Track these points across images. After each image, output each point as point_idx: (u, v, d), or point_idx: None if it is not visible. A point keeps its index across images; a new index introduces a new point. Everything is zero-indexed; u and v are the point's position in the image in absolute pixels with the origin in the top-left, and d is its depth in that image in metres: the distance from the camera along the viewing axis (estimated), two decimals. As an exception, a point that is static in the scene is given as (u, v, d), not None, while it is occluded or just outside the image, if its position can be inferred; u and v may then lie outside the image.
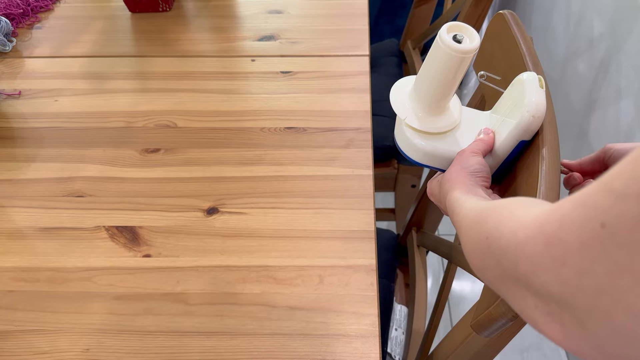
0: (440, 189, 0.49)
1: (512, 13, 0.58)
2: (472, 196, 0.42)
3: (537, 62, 0.52)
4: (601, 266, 0.21)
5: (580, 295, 0.22)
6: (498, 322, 0.40)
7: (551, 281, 0.24)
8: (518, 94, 0.47)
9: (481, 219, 0.34)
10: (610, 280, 0.21)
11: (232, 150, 0.73)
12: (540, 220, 0.25)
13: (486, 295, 0.44)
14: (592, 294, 0.22)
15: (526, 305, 0.27)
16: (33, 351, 0.54)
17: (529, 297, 0.27)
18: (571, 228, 0.23)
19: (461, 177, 0.45)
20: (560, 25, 1.41)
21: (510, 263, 0.27)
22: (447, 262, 0.74)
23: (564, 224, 0.23)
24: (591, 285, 0.22)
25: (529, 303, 0.27)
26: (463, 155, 0.48)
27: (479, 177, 0.45)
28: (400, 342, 0.82)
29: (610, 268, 0.21)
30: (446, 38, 0.45)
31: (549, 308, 0.25)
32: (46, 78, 0.87)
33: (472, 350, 0.49)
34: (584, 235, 0.22)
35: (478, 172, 0.45)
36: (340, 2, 1.02)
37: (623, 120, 1.08)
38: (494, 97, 0.53)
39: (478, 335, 0.44)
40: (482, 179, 0.45)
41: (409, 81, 0.53)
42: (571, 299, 0.23)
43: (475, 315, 0.43)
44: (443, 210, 0.51)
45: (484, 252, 0.31)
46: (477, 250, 0.33)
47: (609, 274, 0.21)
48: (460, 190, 0.44)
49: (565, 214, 0.23)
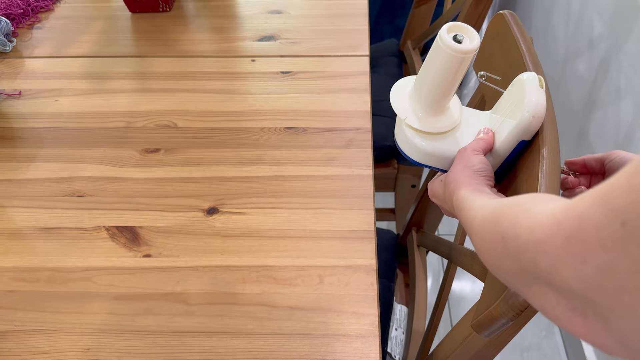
0: (445, 189, 0.48)
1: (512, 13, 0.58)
2: (481, 194, 0.42)
3: (537, 62, 0.52)
4: (622, 265, 0.21)
5: (602, 293, 0.22)
6: (499, 321, 0.40)
7: (572, 279, 0.24)
8: (518, 94, 0.47)
9: (495, 217, 0.33)
10: (632, 278, 0.21)
11: (232, 150, 0.73)
12: (557, 217, 0.25)
13: (487, 295, 0.44)
14: (614, 292, 0.22)
15: (547, 302, 0.27)
16: (33, 351, 0.54)
17: (550, 293, 0.27)
18: (590, 227, 0.23)
19: (466, 176, 0.45)
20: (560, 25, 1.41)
21: (530, 262, 0.27)
22: (447, 262, 0.74)
23: (582, 222, 0.23)
24: (613, 284, 0.22)
25: (550, 300, 0.27)
26: (465, 154, 0.48)
27: (484, 177, 0.45)
28: (400, 341, 0.82)
29: (632, 267, 0.21)
30: (446, 38, 0.45)
31: (571, 304, 0.25)
32: (46, 78, 0.87)
33: (472, 350, 0.49)
34: (604, 234, 0.22)
35: (482, 171, 0.45)
36: (340, 2, 1.02)
37: (623, 120, 1.08)
38: (494, 97, 0.53)
39: (478, 335, 0.44)
40: (487, 178, 0.45)
41: (409, 81, 0.53)
42: (593, 296, 0.23)
43: (476, 315, 0.43)
44: (447, 210, 0.51)
45: (500, 251, 0.31)
46: (494, 249, 0.33)
47: (630, 273, 0.21)
48: (467, 189, 0.43)
49: (583, 212, 0.23)
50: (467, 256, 0.64)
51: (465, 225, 0.40)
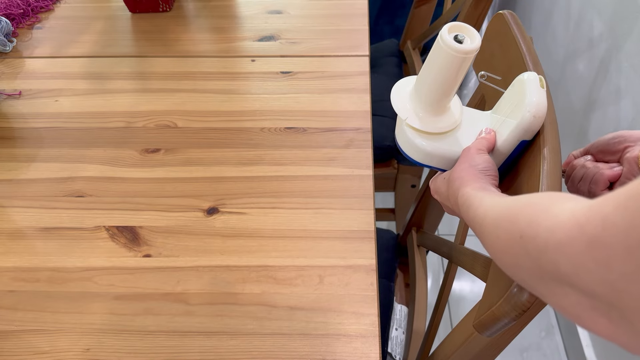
0: (449, 186, 0.48)
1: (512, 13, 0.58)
2: (489, 193, 0.41)
3: (537, 62, 0.52)
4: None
5: (628, 299, 0.22)
6: (501, 321, 0.40)
7: (595, 283, 0.23)
8: (519, 94, 0.47)
9: (511, 216, 0.32)
10: None
11: (232, 150, 0.73)
12: (579, 219, 0.25)
13: (489, 295, 0.44)
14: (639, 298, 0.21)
15: (568, 302, 0.27)
16: (33, 351, 0.54)
17: (572, 294, 0.26)
18: (615, 232, 0.22)
19: (471, 174, 0.45)
20: (560, 25, 1.41)
21: (550, 263, 0.27)
22: (448, 262, 0.74)
23: (607, 226, 0.23)
24: (639, 290, 0.21)
25: (571, 300, 0.26)
26: (469, 152, 0.47)
27: (488, 176, 0.45)
28: (400, 341, 0.82)
29: None
30: (447, 38, 0.45)
31: (594, 304, 0.25)
32: (46, 78, 0.87)
33: (473, 350, 0.49)
34: (630, 241, 0.21)
35: (487, 170, 0.45)
36: (340, 2, 1.02)
37: (623, 120, 1.08)
38: (494, 97, 0.53)
39: (480, 335, 0.44)
40: (492, 177, 0.45)
41: (409, 81, 0.53)
42: (618, 301, 0.23)
43: (478, 315, 0.43)
44: (449, 208, 0.50)
45: (517, 251, 0.31)
46: (510, 248, 0.32)
47: None
48: (473, 186, 0.43)
49: (607, 216, 0.23)
50: (468, 256, 0.64)
51: (473, 222, 0.40)
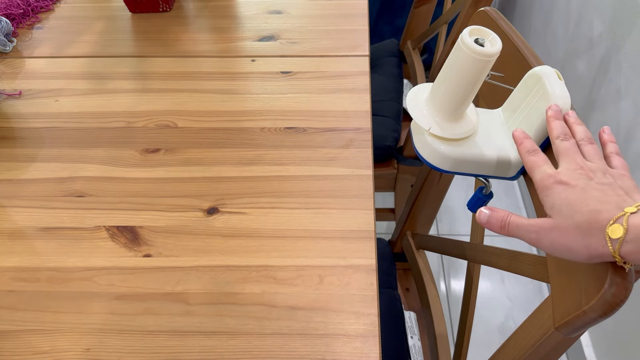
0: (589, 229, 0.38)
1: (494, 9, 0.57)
2: None
3: (534, 54, 0.51)
4: None
5: None
6: (592, 320, 0.40)
7: None
8: (537, 88, 0.47)
9: None
10: None
11: (232, 150, 0.73)
12: None
13: (564, 293, 0.43)
14: None
15: None
16: (33, 351, 0.54)
17: None
18: None
19: None
20: (560, 25, 1.41)
21: None
22: (468, 263, 0.72)
23: None
24: None
25: None
26: None
27: None
28: (418, 349, 0.80)
29: None
30: (469, 41, 0.44)
31: None
32: (46, 78, 0.87)
33: (544, 349, 0.48)
34: None
35: None
36: (340, 2, 1.02)
37: (623, 120, 1.08)
38: (489, 94, 0.53)
39: (553, 335, 0.44)
40: None
41: (422, 89, 0.52)
42: None
43: (560, 315, 0.43)
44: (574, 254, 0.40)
45: None
46: None
47: None
48: None
49: None
50: (503, 256, 0.61)
51: None
